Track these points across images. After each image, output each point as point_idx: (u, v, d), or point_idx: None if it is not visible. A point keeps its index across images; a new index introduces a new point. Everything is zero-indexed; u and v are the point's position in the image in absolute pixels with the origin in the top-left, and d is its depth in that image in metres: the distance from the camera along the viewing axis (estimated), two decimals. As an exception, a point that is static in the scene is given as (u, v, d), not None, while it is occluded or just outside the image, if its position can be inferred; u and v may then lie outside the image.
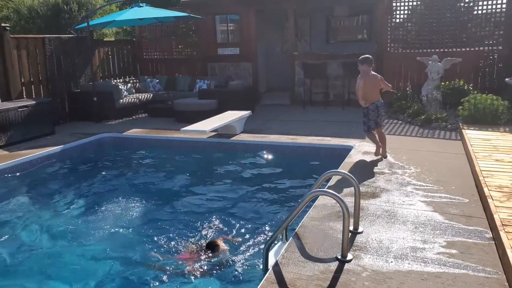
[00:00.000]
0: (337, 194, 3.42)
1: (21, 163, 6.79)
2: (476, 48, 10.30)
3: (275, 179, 6.33)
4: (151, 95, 11.46)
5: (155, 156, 7.77)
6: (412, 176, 5.42)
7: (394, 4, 10.93)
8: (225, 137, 8.03)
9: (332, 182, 5.23)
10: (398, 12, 11.06)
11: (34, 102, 8.53)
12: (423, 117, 8.57)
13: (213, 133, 8.17)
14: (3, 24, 9.10)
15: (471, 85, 9.73)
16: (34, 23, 26.80)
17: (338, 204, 3.39)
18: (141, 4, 10.29)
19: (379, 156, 6.26)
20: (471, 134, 7.06)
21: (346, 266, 3.31)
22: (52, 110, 8.99)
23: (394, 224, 4.02)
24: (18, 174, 6.63)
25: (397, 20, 11.17)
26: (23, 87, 9.35)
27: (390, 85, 6.35)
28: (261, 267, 3.55)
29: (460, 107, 8.34)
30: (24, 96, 9.31)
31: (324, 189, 3.91)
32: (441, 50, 10.33)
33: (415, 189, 4.96)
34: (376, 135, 6.24)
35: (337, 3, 12.20)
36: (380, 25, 11.11)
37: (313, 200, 4.52)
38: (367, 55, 6.20)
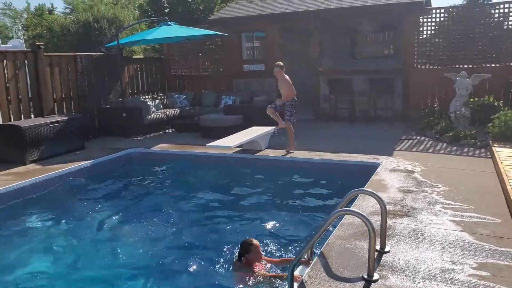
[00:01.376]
0: (362, 213, 3.39)
1: (52, 178, 6.97)
2: (507, 64, 10.11)
3: (300, 196, 6.31)
4: (178, 111, 11.64)
5: (182, 171, 7.86)
6: (440, 194, 5.33)
7: (421, 20, 10.87)
8: (250, 153, 8.07)
9: (358, 200, 5.18)
10: (425, 27, 10.98)
11: (65, 118, 8.77)
12: (451, 134, 8.43)
13: (238, 149, 8.22)
14: (37, 43, 9.45)
15: (501, 101, 9.53)
16: (65, 40, 27.72)
17: (364, 223, 3.36)
18: (169, 23, 10.53)
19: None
20: (502, 152, 6.89)
21: (373, 286, 3.26)
22: (82, 125, 9.22)
23: (421, 243, 3.95)
24: (50, 188, 6.80)
25: (424, 36, 11.09)
26: (55, 103, 9.64)
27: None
28: (287, 287, 3.53)
29: (490, 124, 8.17)
30: (56, 112, 9.60)
31: (350, 208, 3.89)
32: (470, 66, 10.18)
33: (443, 208, 4.87)
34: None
35: (362, 19, 12.19)
36: (407, 41, 11.05)
37: (339, 219, 4.49)
38: (280, 62, 8.16)
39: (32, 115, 9.06)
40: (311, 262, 3.84)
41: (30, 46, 9.52)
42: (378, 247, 3.81)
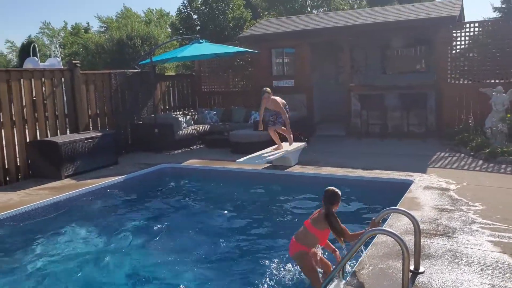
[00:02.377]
0: (396, 233, 3.32)
1: (87, 192, 7.13)
2: (545, 78, 9.80)
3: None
4: (208, 126, 11.77)
5: (212, 187, 7.92)
6: (477, 213, 5.16)
7: (454, 34, 10.68)
8: (280, 169, 8.05)
9: (391, 218, 5.08)
10: (458, 41, 10.77)
11: (99, 134, 8.99)
12: (487, 150, 8.18)
13: (268, 164, 8.21)
14: (74, 61, 9.75)
15: (540, 116, 9.21)
16: (100, 58, 28.63)
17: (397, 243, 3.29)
18: (201, 41, 10.71)
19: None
20: (542, 169, 6.64)
21: (408, 308, 3.17)
22: (116, 141, 9.43)
23: (458, 265, 3.83)
24: (84, 202, 6.95)
25: (458, 50, 10.88)
26: (90, 119, 9.89)
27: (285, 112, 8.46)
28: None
29: (529, 140, 7.90)
30: (91, 128, 9.84)
31: (382, 228, 3.81)
32: (506, 80, 9.91)
33: (480, 227, 4.71)
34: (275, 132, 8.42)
35: (393, 34, 12.11)
36: (440, 55, 10.87)
37: (372, 238, 4.40)
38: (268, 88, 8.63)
39: (68, 131, 9.31)
40: (342, 281, 3.77)
41: (67, 64, 9.82)
42: (412, 268, 3.72)
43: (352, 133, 11.60)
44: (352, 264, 4.07)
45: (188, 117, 11.82)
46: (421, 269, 3.74)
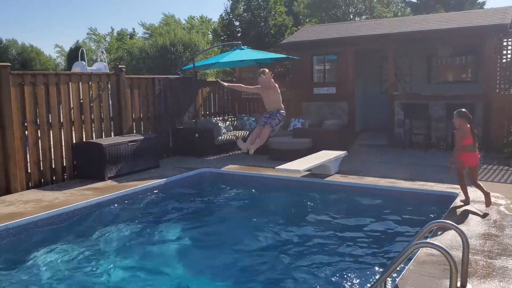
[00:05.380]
0: (444, 247, 3.20)
1: (128, 194, 7.28)
2: None
3: (372, 225, 6.07)
4: (248, 132, 11.79)
5: (250, 192, 7.92)
6: (528, 230, 4.91)
7: (504, 43, 10.29)
8: (319, 177, 7.96)
9: (436, 232, 4.90)
10: (509, 50, 10.36)
11: (142, 137, 9.17)
12: (539, 164, 7.81)
13: (307, 172, 8.13)
14: (120, 66, 10.02)
15: None
16: (144, 63, 29.36)
17: (442, 257, 3.16)
18: (242, 47, 10.78)
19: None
20: None
21: (454, 327, 3.04)
22: (157, 145, 9.60)
23: (508, 284, 3.64)
24: (126, 203, 7.10)
25: (508, 59, 10.45)
26: (133, 123, 10.12)
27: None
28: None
29: None
30: (134, 131, 10.07)
31: (429, 241, 3.68)
32: (560, 91, 9.44)
33: (532, 245, 4.47)
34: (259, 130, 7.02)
35: (440, 43, 11.79)
36: (488, 65, 10.48)
37: (415, 251, 4.26)
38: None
39: (112, 134, 9.55)
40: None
41: (113, 69, 10.11)
42: (458, 284, 3.56)
43: (394, 143, 11.34)
44: (394, 278, 3.95)
45: (227, 122, 11.92)
46: (468, 287, 3.59)
